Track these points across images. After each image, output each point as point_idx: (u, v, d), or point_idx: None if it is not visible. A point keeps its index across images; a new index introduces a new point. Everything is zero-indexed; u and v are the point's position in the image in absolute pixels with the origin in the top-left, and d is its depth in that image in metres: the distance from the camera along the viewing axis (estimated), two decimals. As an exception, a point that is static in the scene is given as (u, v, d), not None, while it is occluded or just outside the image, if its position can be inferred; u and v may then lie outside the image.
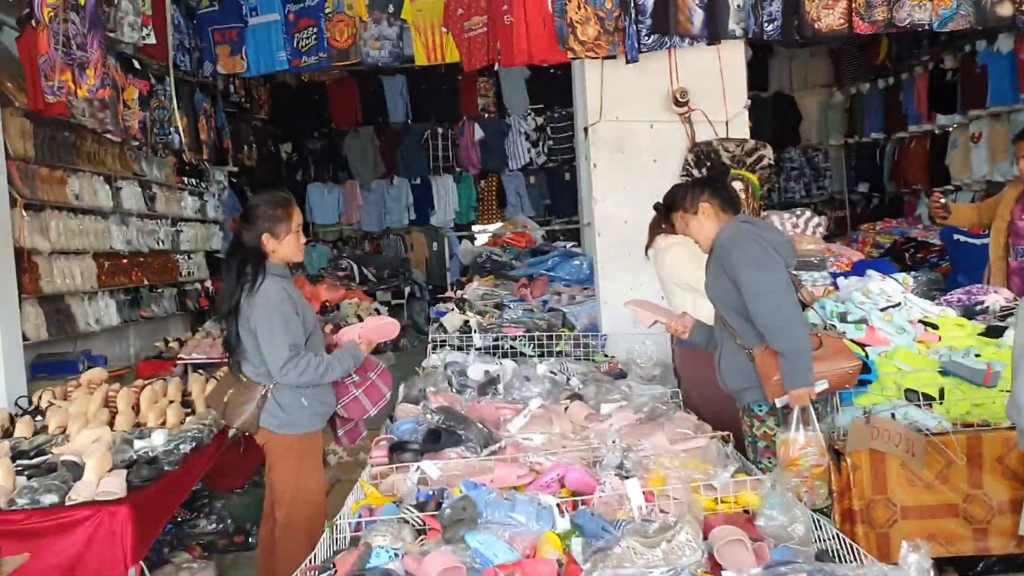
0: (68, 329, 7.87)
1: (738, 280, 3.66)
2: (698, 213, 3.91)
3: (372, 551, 2.51)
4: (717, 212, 3.88)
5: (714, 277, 3.86)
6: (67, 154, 8.09)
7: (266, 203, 4.07)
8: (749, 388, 3.76)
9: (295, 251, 4.12)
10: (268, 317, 3.90)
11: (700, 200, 3.90)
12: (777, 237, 3.82)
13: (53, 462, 4.22)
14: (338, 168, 14.62)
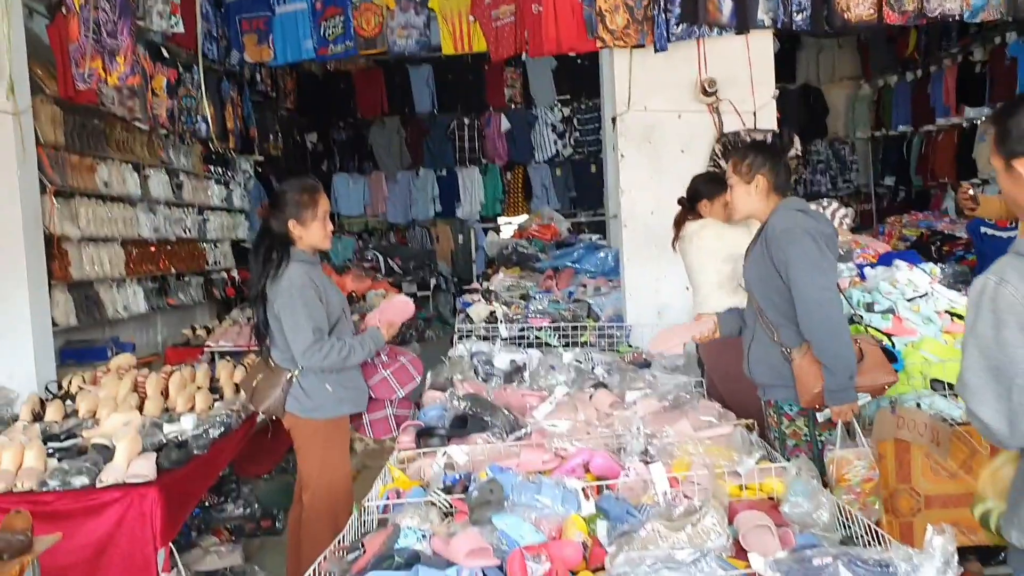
0: (97, 316, 7.97)
1: (790, 280, 3.52)
2: (751, 183, 3.73)
3: (400, 531, 2.54)
4: (769, 190, 3.72)
5: (757, 263, 3.71)
6: (97, 142, 8.18)
7: (293, 189, 4.13)
8: (780, 386, 3.70)
9: (321, 238, 4.17)
10: (291, 302, 3.97)
11: (759, 171, 3.72)
12: (829, 229, 3.67)
13: (83, 445, 4.29)
14: (364, 158, 14.69)
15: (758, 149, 3.83)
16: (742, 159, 3.77)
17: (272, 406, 4.11)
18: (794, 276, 3.50)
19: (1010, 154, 2.27)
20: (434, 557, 2.40)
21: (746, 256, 3.86)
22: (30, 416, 4.90)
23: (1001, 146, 2.31)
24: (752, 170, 3.72)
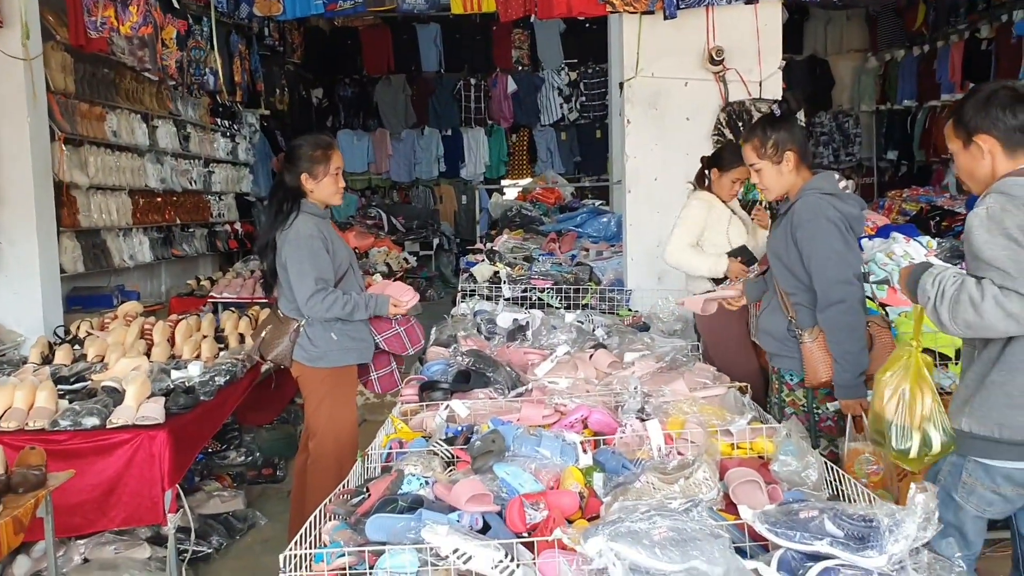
0: (103, 263, 8.06)
1: (812, 271, 3.53)
2: (781, 162, 3.65)
3: (404, 478, 2.64)
4: (799, 163, 3.65)
5: (780, 240, 3.68)
6: (106, 91, 8.21)
7: (308, 145, 4.23)
8: (784, 356, 3.74)
9: (331, 193, 4.26)
10: (297, 252, 4.08)
11: (786, 148, 3.63)
12: (856, 211, 3.62)
13: (93, 388, 4.39)
14: (368, 116, 14.68)
15: (776, 124, 3.72)
16: (764, 140, 3.66)
17: (280, 355, 4.22)
18: (816, 269, 3.51)
19: (971, 131, 2.66)
20: (437, 502, 2.49)
21: (772, 228, 3.85)
22: (39, 359, 4.99)
23: (960, 127, 2.70)
24: (779, 149, 3.64)
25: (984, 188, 2.69)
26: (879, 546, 1.93)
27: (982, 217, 2.51)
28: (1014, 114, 2.62)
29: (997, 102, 2.64)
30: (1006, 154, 2.64)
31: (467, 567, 2.07)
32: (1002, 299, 2.42)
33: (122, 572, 4.07)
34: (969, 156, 2.72)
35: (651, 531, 1.92)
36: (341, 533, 2.39)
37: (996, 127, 2.63)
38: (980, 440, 2.59)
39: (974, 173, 2.73)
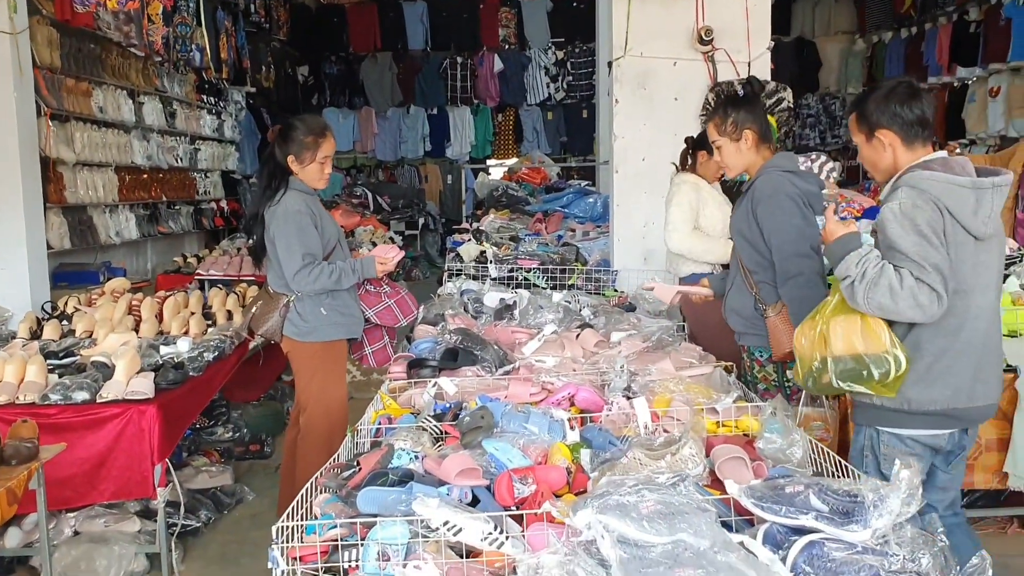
0: (90, 240, 8.03)
1: (772, 247, 3.62)
2: (739, 140, 3.73)
3: (394, 452, 2.66)
4: (758, 142, 3.73)
5: (742, 219, 3.78)
6: (92, 66, 8.16)
7: (302, 128, 4.23)
8: (752, 334, 3.82)
9: (315, 179, 4.27)
10: (285, 227, 4.10)
11: (745, 126, 3.71)
12: (815, 188, 3.72)
13: (82, 363, 4.40)
14: (354, 94, 14.61)
15: (737, 104, 3.80)
16: (725, 118, 3.75)
17: (270, 329, 4.23)
18: (776, 244, 3.60)
19: (873, 126, 2.87)
20: (427, 476, 2.52)
21: (733, 209, 3.95)
22: (28, 334, 4.99)
23: (862, 121, 2.91)
24: (738, 127, 3.72)
25: (887, 178, 2.92)
26: (863, 521, 1.97)
27: (896, 212, 2.69)
28: (911, 109, 2.81)
29: (896, 98, 2.84)
30: (905, 147, 2.85)
31: (457, 539, 2.10)
32: (916, 290, 2.62)
33: (112, 545, 4.10)
34: (872, 149, 2.92)
35: (639, 504, 1.96)
36: (332, 506, 2.41)
37: (895, 122, 2.83)
38: (892, 412, 2.84)
39: (877, 165, 2.94)
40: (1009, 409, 3.94)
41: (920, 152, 2.85)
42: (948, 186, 2.72)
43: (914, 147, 2.85)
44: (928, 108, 2.86)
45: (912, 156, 2.85)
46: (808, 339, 2.88)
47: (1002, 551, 4.18)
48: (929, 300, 2.63)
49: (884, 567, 1.91)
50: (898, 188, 2.75)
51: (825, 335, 2.81)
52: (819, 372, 2.83)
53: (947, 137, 10.60)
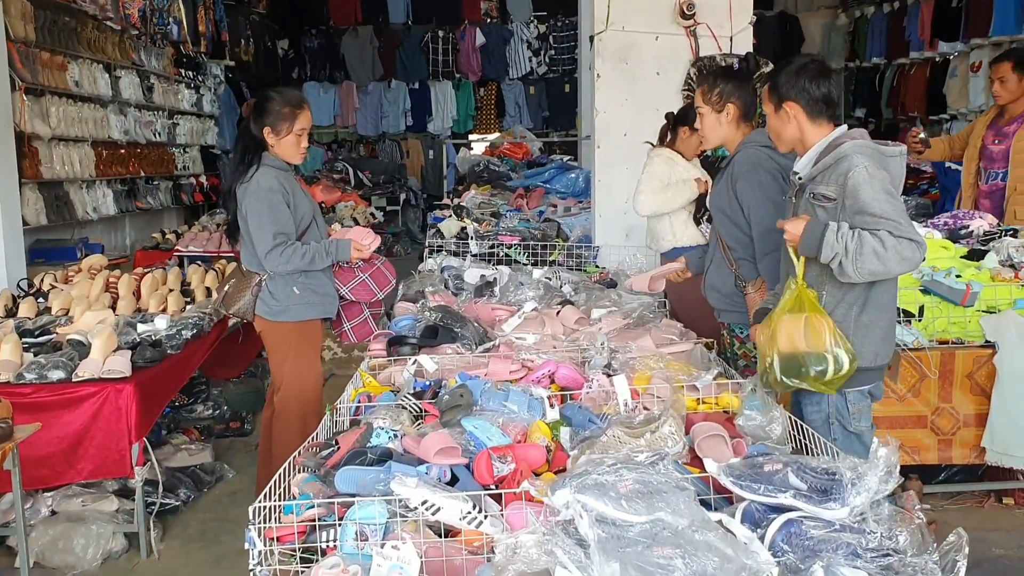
0: (67, 216, 7.94)
1: (751, 221, 3.63)
2: (722, 112, 3.72)
3: (373, 431, 2.65)
4: (739, 118, 3.72)
5: (721, 195, 3.78)
6: (68, 39, 8.03)
7: (278, 99, 4.14)
8: (732, 311, 3.82)
9: (292, 153, 4.18)
10: (256, 205, 4.02)
11: (729, 100, 3.70)
12: (791, 163, 3.64)
13: (58, 341, 4.35)
14: (335, 68, 14.49)
15: (727, 76, 3.79)
16: (711, 87, 3.73)
17: (242, 308, 4.18)
18: (755, 219, 3.60)
19: (782, 98, 3.04)
20: (405, 455, 2.51)
21: (713, 186, 3.93)
22: (3, 311, 4.93)
23: (773, 93, 3.08)
24: (723, 98, 3.71)
25: (789, 148, 3.14)
26: (841, 498, 1.98)
27: (865, 176, 2.82)
28: (818, 86, 2.99)
29: (806, 74, 3.01)
30: (810, 120, 3.02)
31: (435, 518, 2.09)
32: (899, 247, 2.75)
33: (90, 524, 4.07)
34: (778, 119, 3.10)
35: (617, 484, 1.95)
36: (310, 485, 2.40)
37: (803, 96, 3.00)
38: (861, 371, 2.92)
39: (781, 135, 3.12)
40: (987, 385, 3.97)
41: (825, 128, 3.02)
42: (883, 156, 2.93)
43: (819, 122, 3.02)
44: (835, 89, 3.04)
45: (817, 130, 3.02)
46: (764, 336, 2.95)
47: (979, 525, 4.23)
48: (912, 252, 2.76)
49: (862, 544, 1.91)
50: (846, 156, 2.88)
51: (775, 333, 2.89)
52: (769, 369, 2.91)
53: (928, 112, 10.62)
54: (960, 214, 5.05)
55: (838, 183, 2.87)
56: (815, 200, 2.95)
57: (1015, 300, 4.08)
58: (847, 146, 2.90)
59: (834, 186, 2.88)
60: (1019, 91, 5.46)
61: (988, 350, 4.00)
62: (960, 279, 4.16)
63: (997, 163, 5.56)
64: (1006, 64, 5.50)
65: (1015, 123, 5.49)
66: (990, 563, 3.95)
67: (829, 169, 2.92)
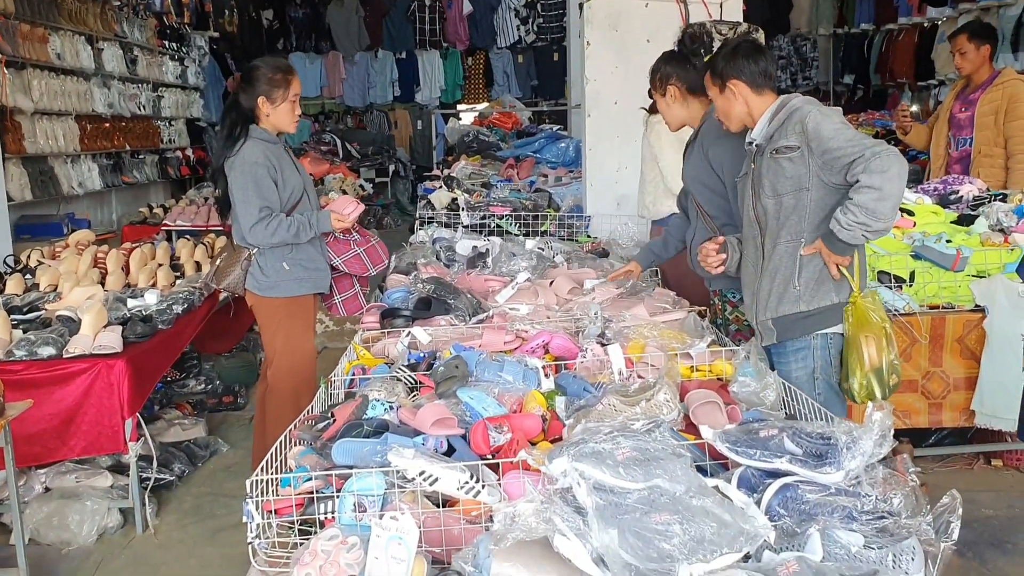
0: (52, 191, 7.89)
1: (727, 180, 3.66)
2: (666, 95, 3.86)
3: (368, 403, 2.64)
4: (684, 95, 3.82)
5: (695, 164, 3.84)
6: (48, 11, 7.93)
7: (267, 67, 4.10)
8: (722, 277, 3.78)
9: (288, 121, 4.15)
10: (242, 179, 3.99)
11: (668, 82, 3.84)
12: None
13: (47, 318, 4.33)
14: (321, 38, 14.36)
15: (663, 60, 3.91)
16: (654, 73, 3.90)
17: (232, 283, 4.15)
18: (731, 180, 3.63)
19: (724, 78, 3.20)
20: (401, 427, 2.51)
21: (686, 162, 3.96)
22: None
23: (715, 76, 3.24)
24: (663, 83, 3.85)
25: (740, 126, 3.26)
26: (836, 463, 1.99)
27: (820, 116, 2.97)
28: (755, 62, 3.17)
29: (742, 52, 3.19)
30: (754, 93, 3.18)
31: (433, 488, 2.09)
32: (881, 169, 2.81)
33: (84, 501, 4.07)
34: (725, 99, 3.26)
35: (614, 451, 1.95)
36: (307, 458, 2.40)
37: (743, 73, 3.17)
38: (827, 311, 3.10)
39: (730, 113, 3.27)
40: (977, 348, 4.00)
41: (769, 97, 3.18)
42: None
43: (763, 93, 3.18)
44: (770, 63, 3.21)
45: (763, 100, 3.18)
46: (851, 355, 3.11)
47: (969, 487, 4.27)
48: (891, 161, 2.82)
49: (857, 508, 1.92)
50: (798, 108, 3.05)
51: (859, 352, 3.07)
52: (864, 385, 3.05)
53: (917, 77, 10.60)
54: (950, 179, 5.08)
55: (796, 131, 3.01)
56: (778, 154, 3.07)
57: (1005, 264, 4.09)
58: (796, 101, 3.09)
59: (794, 136, 3.02)
60: (979, 60, 5.66)
61: (978, 314, 4.02)
62: (950, 244, 4.18)
63: (964, 130, 5.74)
64: (962, 36, 5.71)
65: (979, 91, 5.67)
66: (979, 523, 4.00)
67: (784, 124, 3.07)
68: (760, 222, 3.21)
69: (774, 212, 3.14)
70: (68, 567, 3.92)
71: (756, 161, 3.20)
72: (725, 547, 1.73)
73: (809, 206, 3.04)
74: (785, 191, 3.08)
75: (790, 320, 3.16)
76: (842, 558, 1.79)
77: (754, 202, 3.22)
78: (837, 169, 2.92)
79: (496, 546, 1.83)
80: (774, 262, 3.18)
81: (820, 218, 3.01)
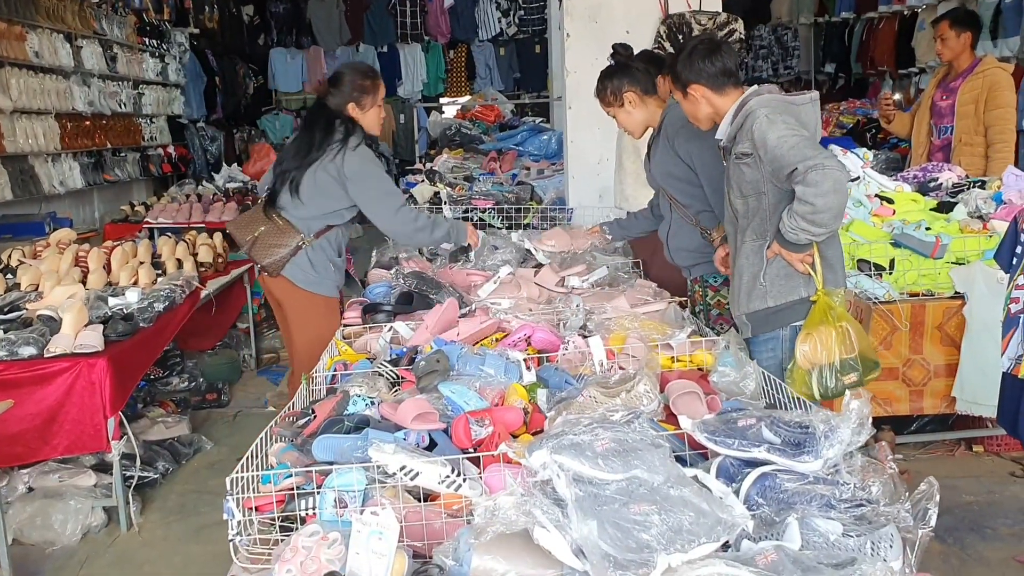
0: (33, 190, 7.84)
1: (698, 170, 3.71)
2: (624, 104, 3.87)
3: (349, 398, 2.64)
4: (641, 98, 3.85)
5: (663, 160, 3.86)
6: (25, 8, 7.88)
7: (355, 73, 4.18)
8: (703, 263, 3.87)
9: (376, 124, 4.23)
10: (376, 169, 4.08)
11: (623, 92, 3.85)
12: None
13: (28, 317, 4.30)
14: (302, 33, 14.29)
15: (609, 74, 3.91)
16: (603, 92, 3.90)
17: (273, 263, 4.07)
18: (700, 166, 3.69)
19: (685, 83, 3.19)
20: (383, 422, 2.51)
21: (650, 156, 3.98)
22: (-30, 289, 4.86)
23: (676, 82, 3.24)
24: (618, 95, 3.86)
25: (710, 125, 3.25)
26: (814, 451, 2.00)
27: (765, 123, 2.94)
28: (712, 63, 3.13)
29: (698, 55, 3.16)
30: (716, 95, 3.16)
31: (415, 483, 2.10)
32: (814, 183, 2.78)
33: (68, 500, 4.06)
34: (689, 103, 3.25)
35: (593, 443, 1.96)
36: (288, 455, 2.40)
37: (702, 76, 3.15)
38: (796, 304, 3.09)
39: (697, 116, 3.27)
40: (957, 335, 4.02)
41: (733, 95, 3.14)
42: (791, 106, 3.04)
43: (725, 92, 3.15)
44: (729, 59, 3.16)
45: (726, 100, 3.15)
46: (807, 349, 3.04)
47: (950, 473, 4.31)
48: (824, 176, 2.78)
49: (835, 496, 1.93)
50: (751, 112, 3.01)
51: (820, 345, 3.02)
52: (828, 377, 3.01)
53: (898, 66, 10.64)
54: (930, 166, 5.10)
55: (748, 138, 3.01)
56: (738, 160, 3.08)
57: (983, 251, 4.11)
58: (752, 102, 3.05)
59: (747, 142, 3.02)
60: (959, 47, 5.67)
61: (958, 301, 4.04)
62: (930, 232, 4.20)
63: (945, 118, 5.76)
64: (944, 23, 5.72)
65: (960, 78, 5.68)
66: (960, 509, 4.03)
67: (742, 128, 3.06)
68: (734, 220, 3.25)
69: (743, 212, 3.18)
70: (52, 567, 3.91)
71: (726, 161, 3.23)
72: (703, 537, 1.74)
73: (768, 209, 3.08)
74: (748, 193, 3.12)
75: (761, 315, 3.19)
76: (820, 546, 1.80)
77: (729, 200, 3.26)
78: (783, 178, 2.93)
79: (476, 539, 1.84)
80: (742, 260, 3.22)
81: (779, 219, 3.03)
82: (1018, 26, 8.29)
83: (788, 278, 3.11)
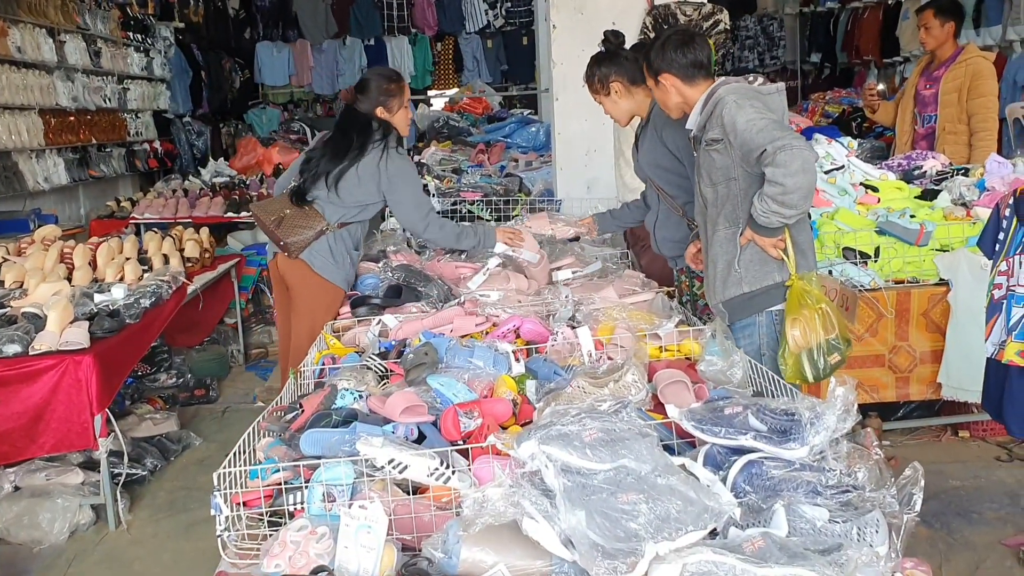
0: (17, 187, 7.78)
1: (684, 158, 3.71)
2: (611, 93, 3.87)
3: (337, 392, 2.64)
4: (628, 88, 3.85)
5: (650, 150, 3.87)
6: (6, 3, 7.82)
7: (380, 78, 4.23)
8: None
9: (405, 125, 4.29)
10: (412, 172, 4.19)
11: (610, 81, 3.85)
12: None
13: (12, 315, 4.28)
14: (288, 26, 14.20)
15: (596, 62, 3.91)
16: (591, 79, 3.91)
17: (297, 243, 4.08)
18: (688, 158, 3.67)
19: (656, 72, 3.25)
20: (371, 415, 2.51)
21: (638, 146, 3.99)
22: (-45, 287, 4.83)
23: (650, 70, 3.29)
24: (604, 83, 3.86)
25: (679, 114, 3.32)
26: (801, 438, 2.00)
27: (734, 108, 2.98)
28: (684, 54, 3.19)
29: (671, 45, 3.21)
30: (686, 85, 3.22)
31: (403, 476, 2.10)
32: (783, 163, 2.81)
33: (55, 498, 4.05)
34: (660, 91, 3.32)
35: (581, 433, 1.96)
36: (275, 449, 2.39)
37: (673, 66, 3.21)
38: (771, 289, 3.13)
39: (667, 104, 3.34)
40: (942, 322, 4.04)
41: (703, 86, 3.20)
42: (760, 95, 3.10)
43: (695, 83, 3.21)
44: (702, 52, 3.21)
45: (696, 91, 3.21)
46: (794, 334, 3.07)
47: (936, 459, 4.34)
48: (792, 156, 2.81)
49: (821, 482, 1.94)
50: (720, 99, 3.06)
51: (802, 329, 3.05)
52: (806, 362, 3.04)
53: (882, 55, 10.67)
54: (914, 154, 5.13)
55: (718, 124, 3.05)
56: (708, 147, 3.12)
57: (967, 238, 4.13)
58: (721, 90, 3.10)
59: (718, 128, 3.06)
60: (943, 36, 5.70)
61: (942, 288, 4.06)
62: (914, 219, 4.22)
63: (929, 107, 5.79)
64: (928, 12, 5.74)
65: (943, 67, 5.71)
66: (946, 494, 4.06)
67: (712, 116, 3.10)
68: (704, 210, 3.28)
69: (712, 200, 3.20)
70: (40, 566, 3.90)
71: (696, 150, 3.27)
72: (691, 525, 1.75)
73: (739, 195, 3.10)
74: (719, 181, 3.15)
75: (737, 302, 3.21)
76: (807, 533, 1.81)
77: (699, 190, 3.29)
78: (752, 161, 2.95)
79: (465, 531, 1.84)
80: (715, 248, 3.24)
81: (751, 205, 3.05)
82: (1000, 15, 8.32)
83: (762, 263, 3.14)
